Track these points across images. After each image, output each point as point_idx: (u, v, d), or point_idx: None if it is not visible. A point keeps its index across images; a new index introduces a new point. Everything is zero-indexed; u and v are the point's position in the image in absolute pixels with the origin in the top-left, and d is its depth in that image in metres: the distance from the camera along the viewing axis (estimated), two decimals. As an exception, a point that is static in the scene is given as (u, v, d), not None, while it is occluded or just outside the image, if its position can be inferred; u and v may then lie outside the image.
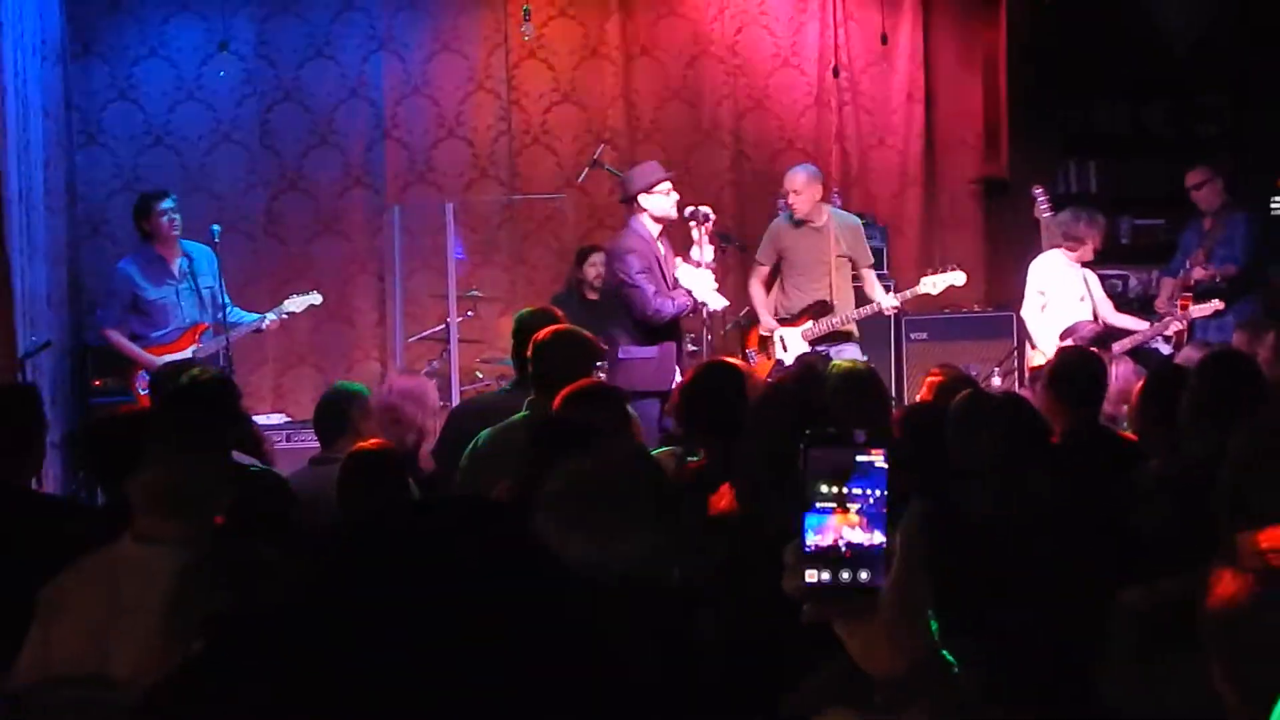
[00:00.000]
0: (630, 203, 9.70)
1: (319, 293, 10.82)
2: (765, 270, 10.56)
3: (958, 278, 10.36)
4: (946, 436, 5.41)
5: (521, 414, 6.35)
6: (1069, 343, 9.42)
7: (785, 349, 10.30)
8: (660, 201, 9.51)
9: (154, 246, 10.31)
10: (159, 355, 10.03)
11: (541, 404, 6.46)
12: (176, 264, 10.29)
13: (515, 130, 12.52)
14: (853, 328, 10.31)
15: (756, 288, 10.61)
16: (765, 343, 10.47)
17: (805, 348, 10.21)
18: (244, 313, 10.53)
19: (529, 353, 6.63)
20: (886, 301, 10.26)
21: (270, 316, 10.47)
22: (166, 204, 10.27)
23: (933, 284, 10.36)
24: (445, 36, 12.37)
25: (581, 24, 12.63)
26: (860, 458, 1.86)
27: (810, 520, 1.84)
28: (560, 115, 12.62)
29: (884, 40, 13.08)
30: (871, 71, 13.25)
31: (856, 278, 10.53)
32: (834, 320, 10.18)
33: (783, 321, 10.38)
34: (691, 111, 12.92)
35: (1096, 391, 6.89)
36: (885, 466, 1.86)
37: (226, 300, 10.37)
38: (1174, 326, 10.35)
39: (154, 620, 3.71)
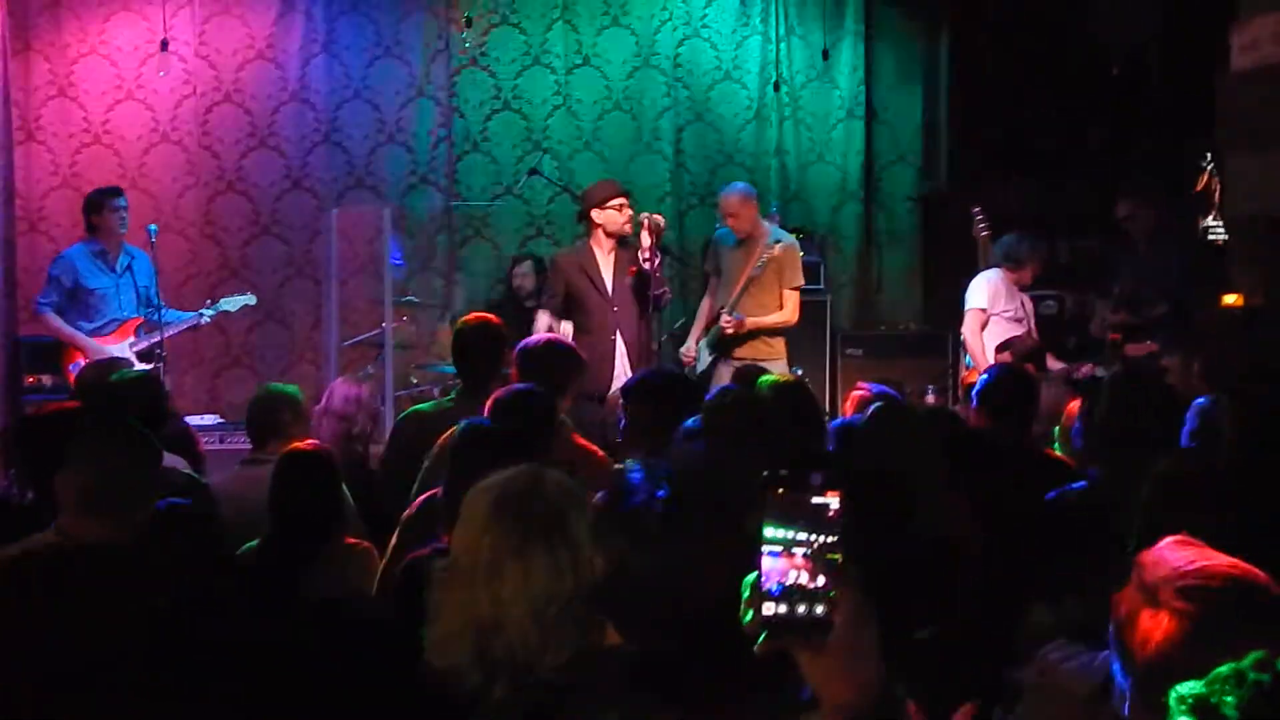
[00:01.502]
0: (584, 217, 9.81)
1: (254, 294, 10.86)
2: (712, 284, 10.62)
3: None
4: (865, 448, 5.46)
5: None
6: (1005, 356, 9.46)
7: (699, 362, 10.34)
8: (612, 216, 9.62)
9: (99, 240, 10.38)
10: (99, 344, 10.12)
11: (468, 392, 6.96)
12: (118, 260, 10.39)
13: (455, 137, 12.52)
14: (776, 350, 10.29)
15: (705, 303, 10.65)
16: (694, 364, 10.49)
17: (706, 355, 10.28)
18: (178, 313, 10.63)
19: (515, 365, 6.81)
20: (724, 318, 10.18)
21: (205, 314, 10.56)
22: (120, 201, 10.45)
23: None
24: (387, 41, 12.36)
25: (524, 32, 12.64)
26: (816, 500, 1.89)
27: (765, 561, 1.88)
28: (501, 123, 12.62)
29: (825, 56, 13.17)
30: (812, 86, 13.31)
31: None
32: (719, 326, 10.19)
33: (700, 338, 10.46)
34: (632, 122, 12.94)
35: (1028, 409, 6.94)
36: (839, 508, 1.89)
37: (158, 302, 10.40)
38: (1084, 370, 10.36)
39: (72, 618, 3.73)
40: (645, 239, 9.53)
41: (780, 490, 1.90)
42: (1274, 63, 9.98)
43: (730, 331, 10.07)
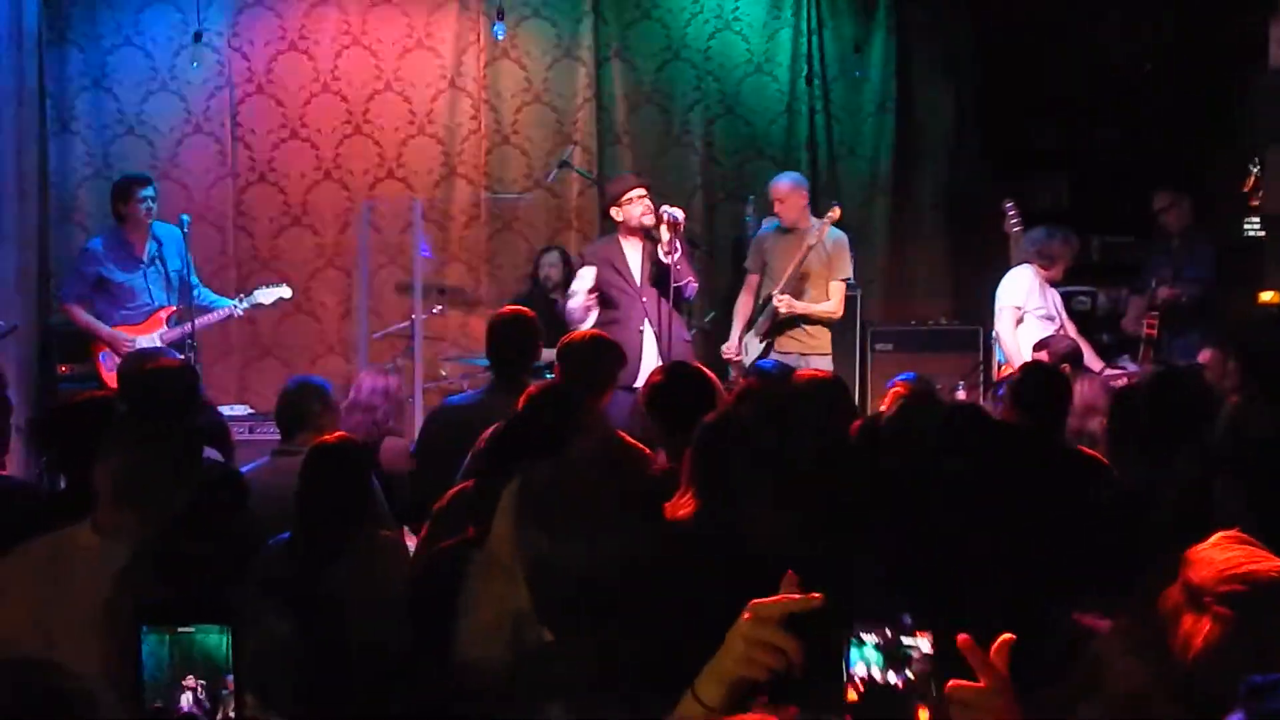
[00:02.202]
0: (607, 214, 9.89)
1: (286, 285, 10.88)
2: (754, 279, 10.63)
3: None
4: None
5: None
6: (1042, 355, 9.44)
7: (746, 354, 10.37)
8: (631, 210, 9.67)
9: (125, 230, 10.38)
10: (127, 334, 10.11)
11: (500, 385, 7.01)
12: (146, 249, 10.37)
13: (486, 129, 12.52)
14: (822, 344, 10.34)
15: (742, 299, 10.70)
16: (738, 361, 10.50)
17: (757, 343, 10.28)
18: (214, 295, 10.63)
19: (557, 358, 6.83)
20: (774, 301, 10.22)
21: (240, 306, 10.54)
22: (147, 191, 10.38)
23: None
24: (419, 33, 12.37)
25: (554, 25, 12.64)
26: (906, 640, 1.92)
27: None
28: (531, 115, 12.62)
29: (857, 49, 13.15)
30: (843, 80, 13.29)
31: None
32: (770, 309, 10.20)
33: (751, 326, 10.45)
34: (662, 115, 12.94)
35: (1059, 406, 6.92)
36: (929, 651, 1.92)
37: (195, 281, 10.45)
38: (1121, 380, 10.34)
39: (98, 609, 3.74)
40: (664, 233, 9.55)
41: (871, 630, 1.93)
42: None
43: (784, 311, 10.11)
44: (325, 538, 5.39)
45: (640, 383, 8.88)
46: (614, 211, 9.79)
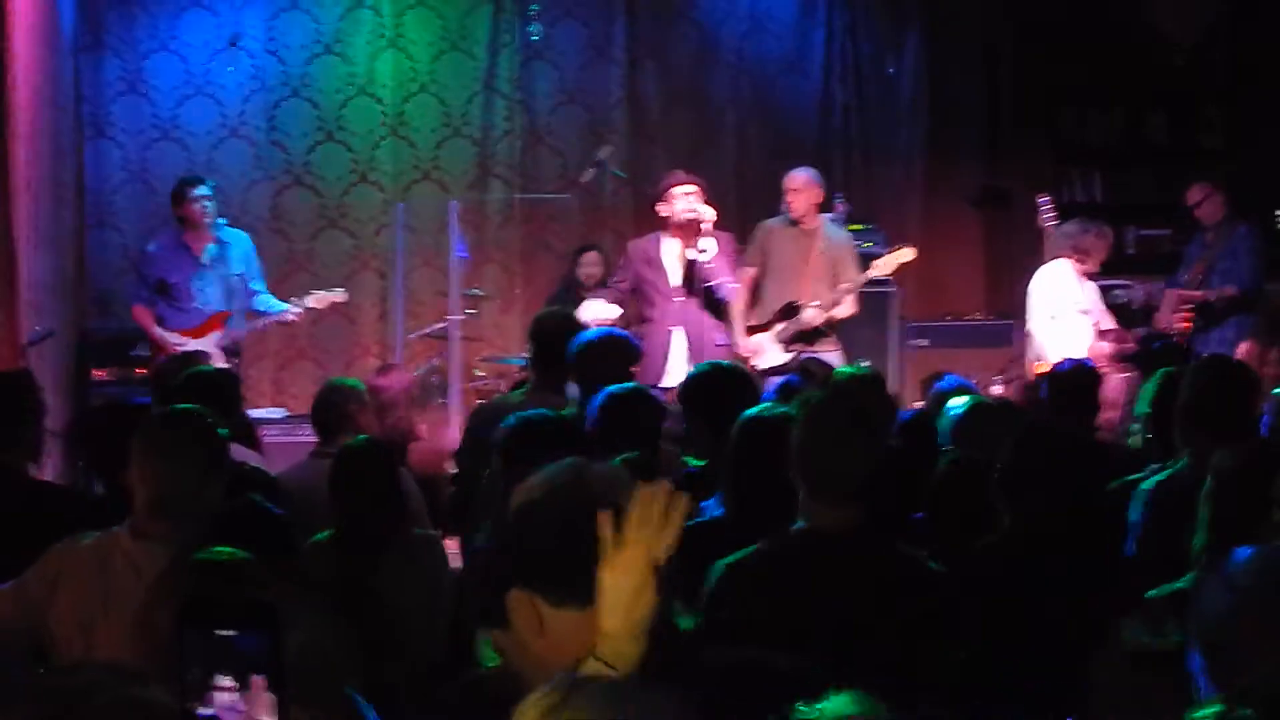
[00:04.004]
0: (654, 209, 9.90)
1: (343, 289, 10.82)
2: (750, 273, 10.32)
3: (906, 254, 10.28)
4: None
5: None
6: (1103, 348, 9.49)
7: (760, 356, 10.16)
8: (670, 206, 9.60)
9: (184, 232, 10.26)
10: (182, 338, 10.06)
11: (543, 384, 7.08)
12: (205, 250, 10.21)
13: (521, 130, 12.56)
14: (832, 341, 10.24)
15: (744, 294, 10.55)
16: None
17: (779, 351, 10.13)
18: (273, 301, 10.49)
19: (572, 357, 6.80)
20: (807, 315, 10.12)
21: (294, 308, 10.44)
22: (200, 190, 10.21)
23: (884, 265, 10.27)
24: (453, 36, 12.41)
25: (587, 25, 12.67)
26: None
27: None
28: (566, 115, 12.66)
29: (889, 48, 13.14)
30: (876, 79, 13.29)
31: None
32: (803, 319, 10.07)
33: (753, 329, 10.26)
34: (696, 115, 12.95)
35: (1092, 402, 6.93)
36: None
37: (260, 288, 10.44)
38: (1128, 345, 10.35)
39: (138, 613, 3.77)
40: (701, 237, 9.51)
41: None
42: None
43: (820, 324, 10.01)
44: (366, 535, 5.42)
45: (666, 383, 8.94)
46: (660, 206, 9.71)
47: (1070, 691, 4.04)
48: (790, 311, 10.07)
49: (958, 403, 6.59)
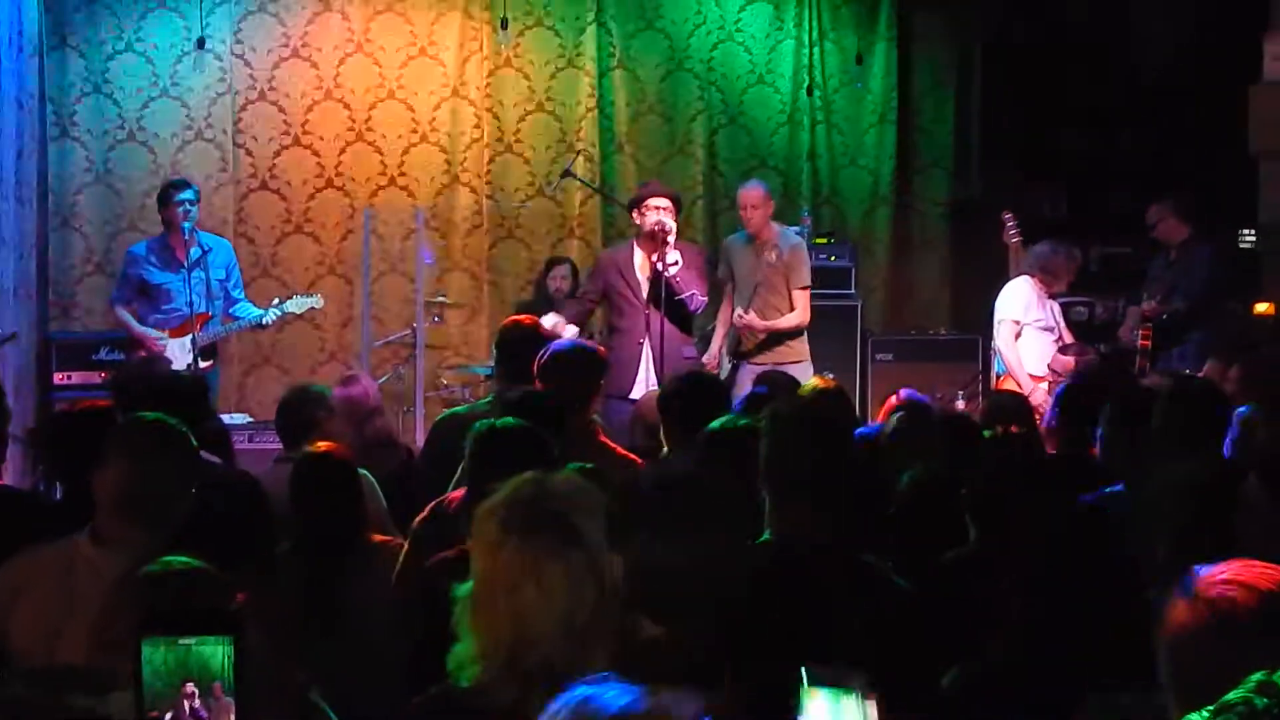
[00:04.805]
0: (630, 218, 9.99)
1: (320, 295, 10.84)
2: (728, 289, 10.57)
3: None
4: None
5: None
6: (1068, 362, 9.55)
7: (722, 368, 10.35)
8: (645, 218, 9.63)
9: (168, 235, 10.33)
10: (158, 334, 10.09)
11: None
12: (188, 254, 10.17)
13: (489, 138, 12.54)
14: (798, 353, 10.30)
15: (722, 308, 10.64)
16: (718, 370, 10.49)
17: (729, 364, 10.31)
18: (252, 308, 10.50)
19: (535, 373, 6.73)
20: (741, 319, 10.19)
21: (271, 314, 10.42)
22: (184, 194, 10.25)
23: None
24: (422, 41, 12.38)
25: (557, 34, 12.65)
26: (849, 701, 1.91)
27: None
28: (534, 124, 12.64)
29: (858, 60, 13.18)
30: (845, 91, 13.31)
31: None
32: (738, 325, 10.18)
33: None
34: (665, 125, 12.96)
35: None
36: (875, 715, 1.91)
37: (239, 295, 10.53)
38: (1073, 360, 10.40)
39: (99, 620, 3.73)
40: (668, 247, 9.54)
41: (817, 685, 1.92)
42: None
43: (742, 328, 10.11)
44: (327, 542, 5.38)
45: (636, 394, 8.95)
46: (635, 215, 9.79)
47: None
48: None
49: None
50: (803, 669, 2.01)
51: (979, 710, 3.81)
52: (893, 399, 7.43)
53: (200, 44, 11.77)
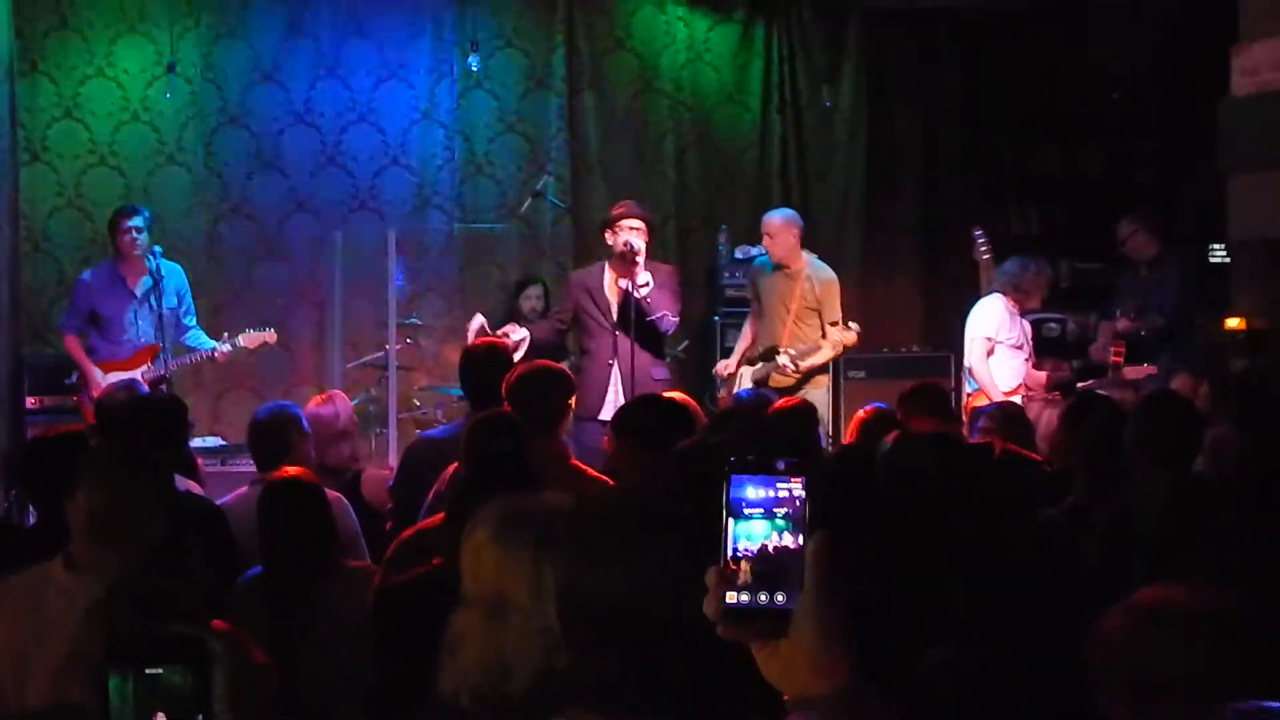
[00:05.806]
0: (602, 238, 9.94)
1: (258, 317, 10.81)
2: (756, 307, 10.57)
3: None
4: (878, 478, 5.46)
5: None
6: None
7: (739, 384, 10.35)
8: (615, 238, 9.58)
9: (118, 263, 10.26)
10: (107, 371, 9.99)
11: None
12: (139, 283, 10.18)
13: (459, 159, 12.55)
14: (816, 382, 10.32)
15: (746, 327, 10.67)
16: (729, 380, 10.51)
17: (749, 382, 10.28)
18: (204, 337, 10.43)
19: (504, 394, 6.70)
20: (779, 362, 10.18)
21: (222, 347, 10.33)
22: (132, 221, 10.17)
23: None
24: (392, 65, 12.39)
25: (527, 55, 12.68)
26: (780, 484, 1.91)
27: (728, 547, 1.89)
28: (504, 146, 12.66)
29: (827, 79, 13.21)
30: (814, 109, 13.34)
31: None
32: (776, 366, 10.15)
33: (751, 362, 10.43)
34: (635, 145, 12.98)
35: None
36: (804, 494, 1.90)
37: (191, 323, 10.43)
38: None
39: (71, 646, 3.72)
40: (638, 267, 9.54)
41: (745, 474, 1.91)
42: (1274, 88, 9.99)
43: (791, 373, 10.07)
44: (296, 568, 5.36)
45: (605, 415, 8.93)
46: (606, 234, 9.73)
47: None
48: (770, 354, 10.18)
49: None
50: None
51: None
52: (861, 413, 7.46)
53: (171, 68, 11.77)
